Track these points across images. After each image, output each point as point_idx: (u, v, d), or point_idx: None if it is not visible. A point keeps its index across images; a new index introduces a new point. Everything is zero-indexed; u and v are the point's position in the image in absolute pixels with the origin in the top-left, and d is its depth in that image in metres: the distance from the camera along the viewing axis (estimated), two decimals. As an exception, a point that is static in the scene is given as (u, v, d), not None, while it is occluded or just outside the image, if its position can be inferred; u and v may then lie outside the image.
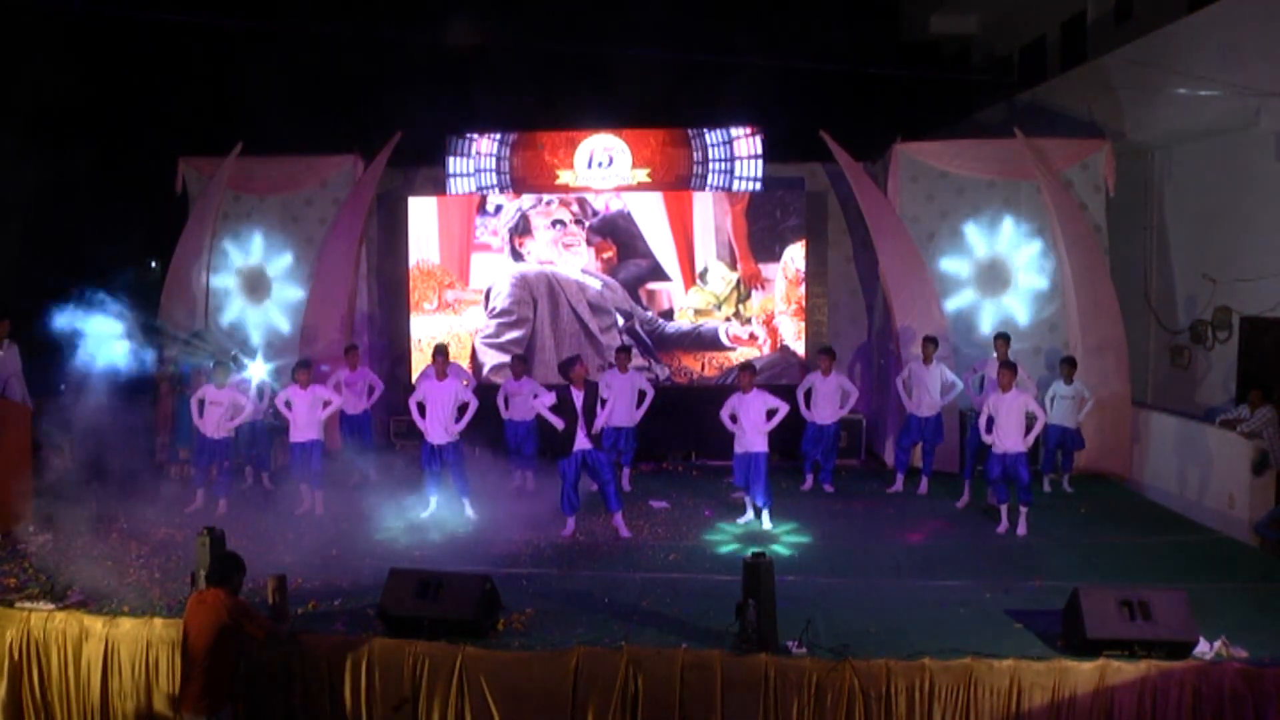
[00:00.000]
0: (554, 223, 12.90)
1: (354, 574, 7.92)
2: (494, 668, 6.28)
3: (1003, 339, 10.73)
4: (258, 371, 11.64)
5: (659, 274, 12.82)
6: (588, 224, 12.83)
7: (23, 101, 15.55)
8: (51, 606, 6.91)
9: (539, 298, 12.83)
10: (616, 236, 12.82)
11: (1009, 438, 9.28)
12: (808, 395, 11.01)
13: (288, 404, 9.99)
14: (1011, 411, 9.31)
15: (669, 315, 12.80)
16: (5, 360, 10.35)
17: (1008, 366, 9.55)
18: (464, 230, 13.01)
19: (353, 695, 6.38)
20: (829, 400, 10.88)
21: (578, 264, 12.84)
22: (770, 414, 9.50)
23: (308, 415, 9.97)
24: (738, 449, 9.53)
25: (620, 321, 12.75)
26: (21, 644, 6.79)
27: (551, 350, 12.70)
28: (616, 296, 12.79)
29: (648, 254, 12.79)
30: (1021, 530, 9.27)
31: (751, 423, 9.44)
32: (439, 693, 6.29)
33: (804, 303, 12.72)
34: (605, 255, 12.83)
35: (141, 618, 6.76)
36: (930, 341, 10.91)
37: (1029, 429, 9.38)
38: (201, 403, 10.03)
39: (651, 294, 12.80)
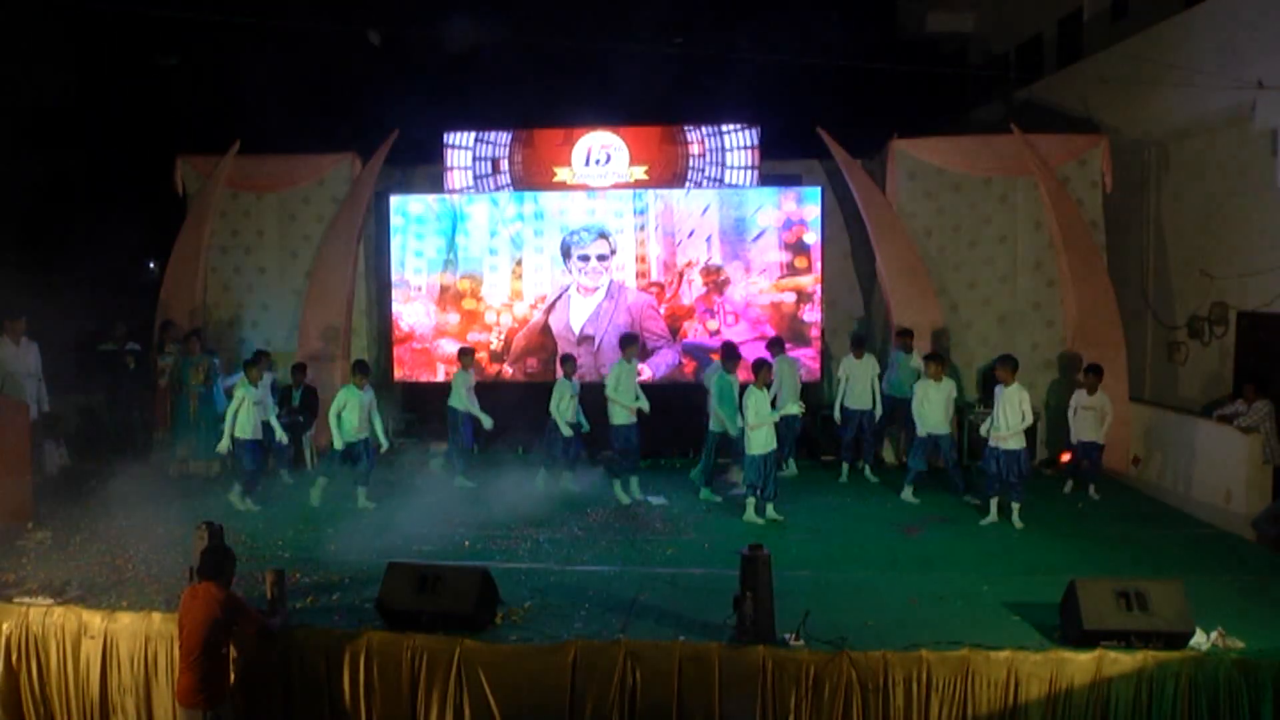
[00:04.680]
0: (581, 257, 12.97)
1: (352, 569, 7.93)
2: (492, 661, 6.28)
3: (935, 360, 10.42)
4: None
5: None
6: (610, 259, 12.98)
7: (21, 101, 15.54)
8: (50, 601, 6.91)
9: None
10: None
11: (1010, 433, 9.34)
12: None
13: (344, 405, 9.95)
14: (1012, 405, 9.36)
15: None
16: (22, 357, 10.41)
17: (1006, 363, 9.59)
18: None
19: (351, 688, 6.38)
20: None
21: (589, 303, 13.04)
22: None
23: (361, 415, 9.99)
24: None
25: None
26: (20, 639, 6.79)
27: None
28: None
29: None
30: (1017, 523, 9.30)
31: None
32: (437, 686, 6.29)
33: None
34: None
35: (140, 612, 6.76)
36: (904, 334, 11.47)
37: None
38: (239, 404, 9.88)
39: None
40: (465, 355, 11.47)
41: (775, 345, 11.53)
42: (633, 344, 10.65)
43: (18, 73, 15.27)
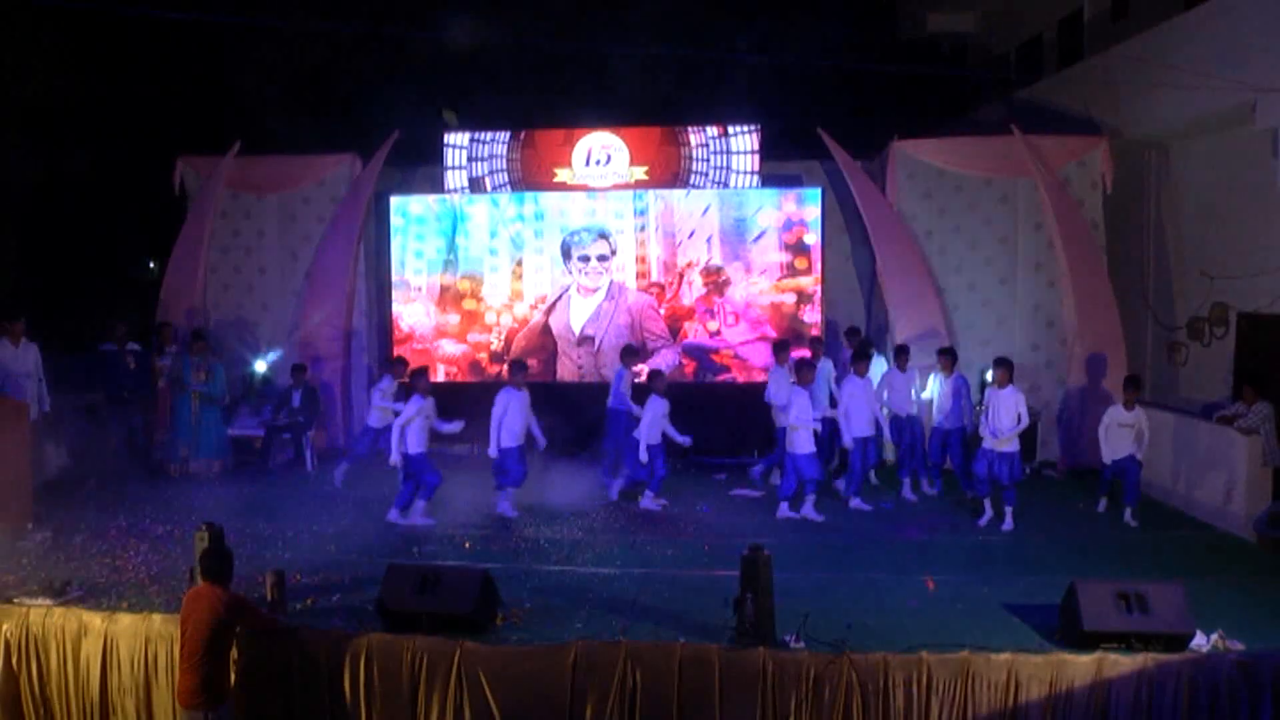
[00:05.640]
0: (581, 258, 12.97)
1: (353, 570, 7.94)
2: (493, 662, 6.28)
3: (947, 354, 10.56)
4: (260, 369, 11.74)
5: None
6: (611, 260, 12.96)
7: (21, 100, 15.55)
8: (50, 602, 6.91)
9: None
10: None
11: (1005, 437, 9.35)
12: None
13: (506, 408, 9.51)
14: (1007, 407, 9.34)
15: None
16: (20, 358, 10.40)
17: (1002, 365, 9.59)
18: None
19: (351, 690, 6.37)
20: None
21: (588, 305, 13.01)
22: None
23: (521, 418, 9.59)
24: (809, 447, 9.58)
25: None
26: (20, 640, 6.78)
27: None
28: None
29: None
30: (1008, 525, 9.29)
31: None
32: (438, 687, 6.29)
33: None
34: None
35: (140, 613, 6.75)
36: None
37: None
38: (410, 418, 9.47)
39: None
40: (630, 355, 11.09)
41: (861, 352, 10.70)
42: (805, 368, 9.93)
43: (18, 73, 15.28)
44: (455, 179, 13.09)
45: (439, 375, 13.13)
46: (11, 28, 15.23)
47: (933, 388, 10.57)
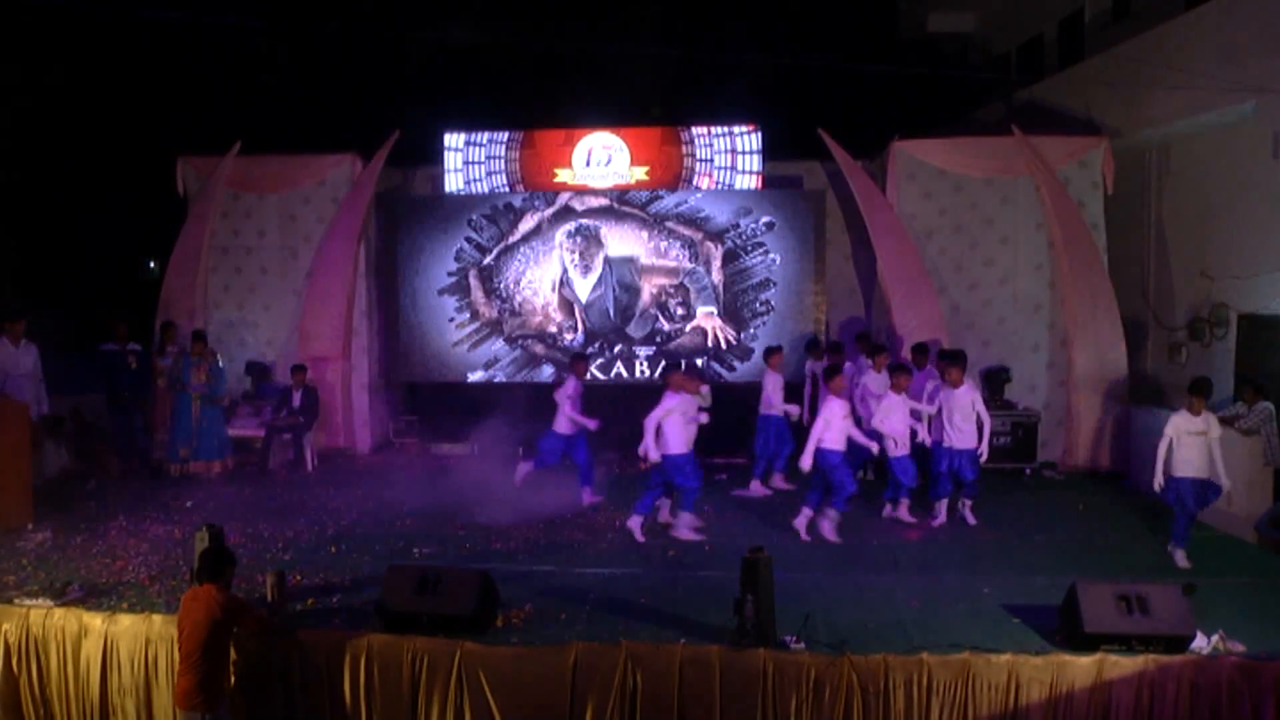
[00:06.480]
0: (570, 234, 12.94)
1: (353, 570, 7.94)
2: (493, 663, 6.27)
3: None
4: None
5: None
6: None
7: (20, 100, 15.54)
8: (50, 603, 6.90)
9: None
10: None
11: (959, 434, 9.29)
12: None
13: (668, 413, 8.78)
14: (963, 407, 9.30)
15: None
16: (19, 358, 10.41)
17: (955, 362, 9.50)
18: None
19: (351, 691, 6.37)
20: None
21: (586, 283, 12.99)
22: None
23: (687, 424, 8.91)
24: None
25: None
26: (20, 641, 6.78)
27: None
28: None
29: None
30: (971, 520, 9.34)
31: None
32: (438, 688, 6.29)
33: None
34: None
35: (140, 614, 6.75)
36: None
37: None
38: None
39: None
40: (773, 352, 10.74)
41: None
42: (900, 373, 9.44)
43: (18, 72, 15.27)
44: (455, 175, 13.08)
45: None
46: (11, 28, 15.23)
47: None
